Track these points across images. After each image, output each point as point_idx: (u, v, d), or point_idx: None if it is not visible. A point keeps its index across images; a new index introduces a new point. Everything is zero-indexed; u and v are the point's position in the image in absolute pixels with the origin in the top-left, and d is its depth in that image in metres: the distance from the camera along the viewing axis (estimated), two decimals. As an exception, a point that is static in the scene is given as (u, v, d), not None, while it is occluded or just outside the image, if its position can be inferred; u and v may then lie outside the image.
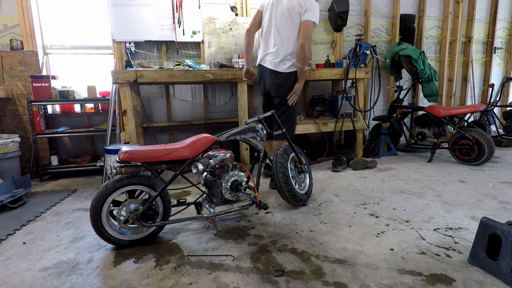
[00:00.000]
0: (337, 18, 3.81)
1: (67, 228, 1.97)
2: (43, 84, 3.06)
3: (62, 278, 1.42)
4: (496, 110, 4.85)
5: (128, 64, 3.16)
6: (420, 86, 4.31)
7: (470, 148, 3.14)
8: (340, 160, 3.27)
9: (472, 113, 3.55)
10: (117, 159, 1.59)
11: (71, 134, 3.18)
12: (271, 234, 1.79)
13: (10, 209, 2.33)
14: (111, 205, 1.62)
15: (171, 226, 1.92)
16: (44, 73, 3.34)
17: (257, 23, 2.69)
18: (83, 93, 3.40)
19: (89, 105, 3.48)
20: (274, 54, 2.53)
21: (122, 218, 1.62)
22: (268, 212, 2.12)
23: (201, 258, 1.55)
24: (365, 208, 2.14)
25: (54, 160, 3.18)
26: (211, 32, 3.59)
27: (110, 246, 1.70)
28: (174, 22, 3.46)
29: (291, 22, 2.43)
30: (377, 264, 1.44)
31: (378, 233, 1.76)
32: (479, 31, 4.77)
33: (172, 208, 1.79)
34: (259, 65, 2.71)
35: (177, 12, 3.42)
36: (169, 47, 3.61)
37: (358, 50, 3.38)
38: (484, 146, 3.03)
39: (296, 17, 2.42)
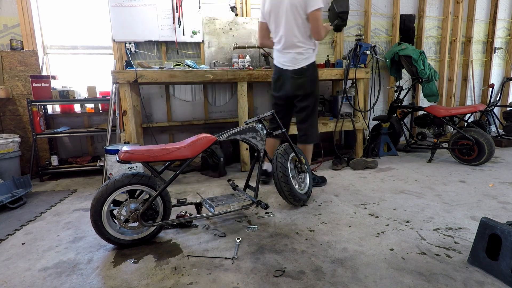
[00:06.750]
0: (337, 18, 3.81)
1: (67, 228, 1.97)
2: (43, 84, 3.06)
3: (62, 278, 1.42)
4: (496, 110, 4.85)
5: (128, 64, 3.16)
6: (420, 86, 4.31)
7: (470, 148, 3.14)
8: (340, 159, 3.28)
9: (472, 113, 3.55)
10: (118, 159, 1.59)
11: (71, 134, 3.18)
12: (271, 234, 1.79)
13: (10, 209, 2.33)
14: (112, 204, 1.63)
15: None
16: (44, 73, 3.34)
17: (267, 34, 2.59)
18: (83, 93, 3.40)
19: (89, 105, 3.48)
20: (287, 55, 2.46)
21: (122, 217, 1.62)
22: (268, 212, 2.12)
23: (201, 258, 1.55)
24: (365, 208, 2.14)
25: (54, 160, 3.18)
26: (211, 32, 3.59)
27: (110, 246, 1.70)
28: (174, 22, 3.46)
29: (300, 19, 2.36)
30: (377, 264, 1.44)
31: (378, 233, 1.76)
32: (479, 31, 4.77)
33: (172, 208, 1.79)
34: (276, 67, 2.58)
35: (177, 12, 3.42)
36: (169, 47, 3.61)
37: (358, 50, 3.38)
38: (484, 146, 3.03)
39: (303, 13, 2.34)
